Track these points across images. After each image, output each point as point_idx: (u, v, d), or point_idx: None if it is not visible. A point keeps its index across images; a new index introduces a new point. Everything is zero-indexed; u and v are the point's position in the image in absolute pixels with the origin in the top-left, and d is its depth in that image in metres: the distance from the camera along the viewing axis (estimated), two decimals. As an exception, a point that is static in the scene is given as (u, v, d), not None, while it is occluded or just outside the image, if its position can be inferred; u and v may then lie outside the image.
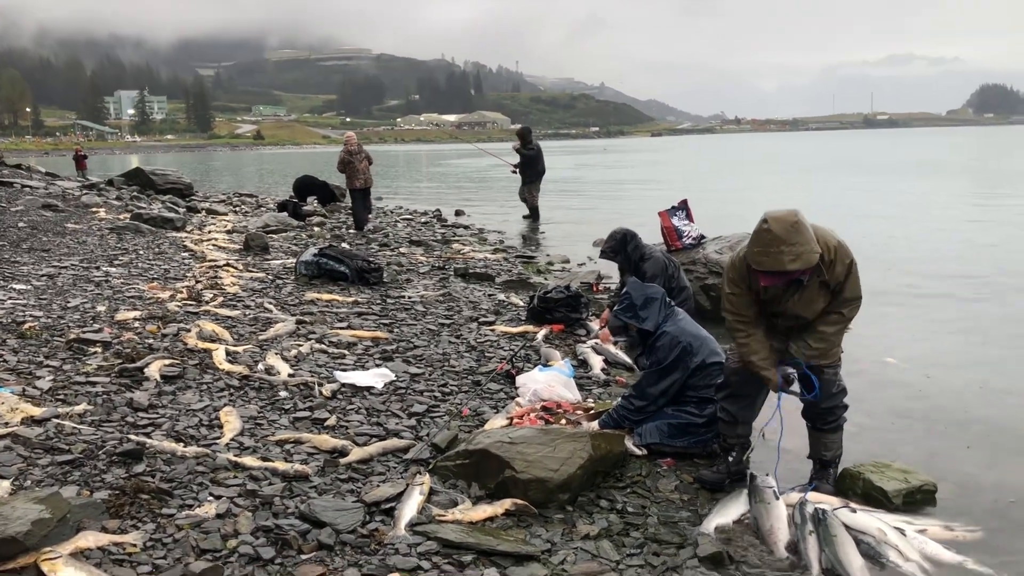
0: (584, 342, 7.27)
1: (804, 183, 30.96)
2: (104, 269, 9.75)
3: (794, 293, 4.06)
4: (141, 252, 11.39)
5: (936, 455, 5.08)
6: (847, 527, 3.92)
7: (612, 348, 6.97)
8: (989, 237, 14.39)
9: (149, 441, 4.51)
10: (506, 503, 4.10)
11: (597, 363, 6.75)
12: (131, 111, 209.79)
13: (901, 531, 3.99)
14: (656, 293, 5.27)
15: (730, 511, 4.17)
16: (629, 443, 4.88)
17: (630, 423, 5.06)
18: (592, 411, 5.46)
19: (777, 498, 4.07)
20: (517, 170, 17.53)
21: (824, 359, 4.20)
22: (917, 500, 4.38)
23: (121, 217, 15.26)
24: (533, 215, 17.83)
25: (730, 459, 4.58)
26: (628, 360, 6.71)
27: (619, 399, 5.28)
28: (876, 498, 4.36)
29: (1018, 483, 4.67)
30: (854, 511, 4.07)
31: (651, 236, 8.71)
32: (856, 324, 4.01)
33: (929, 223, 16.49)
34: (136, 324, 7.07)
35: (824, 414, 4.38)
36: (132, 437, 4.55)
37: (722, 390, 4.61)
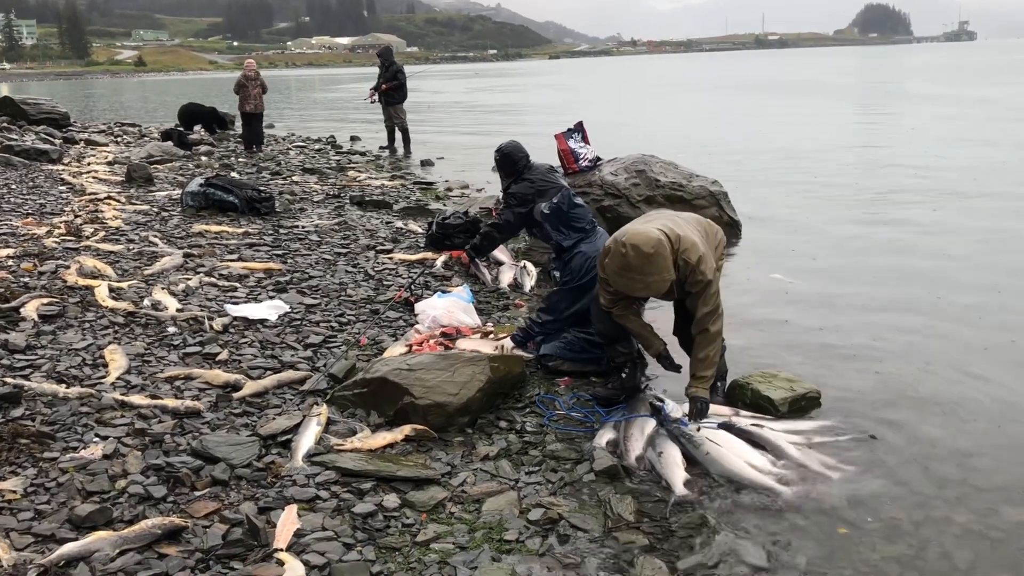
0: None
1: (698, 102, 31.43)
2: (-28, 205, 9.17)
3: None
4: (13, 186, 10.74)
5: (820, 364, 5.30)
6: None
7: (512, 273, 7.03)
8: (873, 152, 14.94)
9: (27, 383, 4.31)
10: (405, 429, 4.10)
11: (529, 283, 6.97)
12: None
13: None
14: (583, 213, 5.33)
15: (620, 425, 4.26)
16: (511, 346, 5.08)
17: (538, 336, 5.16)
18: (493, 334, 5.49)
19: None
20: (376, 96, 16.92)
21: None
22: (802, 407, 4.57)
23: (-11, 150, 14.31)
24: (405, 137, 17.28)
25: (623, 375, 4.68)
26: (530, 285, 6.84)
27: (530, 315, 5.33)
28: (763, 407, 4.53)
29: (895, 386, 4.92)
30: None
31: (548, 158, 8.65)
32: (744, 242, 4.12)
33: (812, 140, 16.94)
34: (10, 262, 6.70)
35: None
36: (8, 380, 4.34)
37: (593, 314, 4.69)
